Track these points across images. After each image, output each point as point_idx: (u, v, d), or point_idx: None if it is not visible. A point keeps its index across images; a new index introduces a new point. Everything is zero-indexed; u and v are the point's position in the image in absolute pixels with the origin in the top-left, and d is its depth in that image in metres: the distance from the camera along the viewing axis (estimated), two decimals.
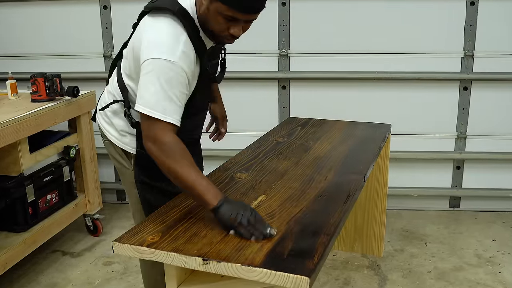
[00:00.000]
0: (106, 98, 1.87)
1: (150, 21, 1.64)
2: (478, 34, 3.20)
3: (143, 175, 1.84)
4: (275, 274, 1.31)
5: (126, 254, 1.47)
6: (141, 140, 1.69)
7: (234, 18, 1.55)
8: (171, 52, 1.54)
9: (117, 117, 1.83)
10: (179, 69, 1.55)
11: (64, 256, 3.00)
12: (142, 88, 1.55)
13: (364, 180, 1.98)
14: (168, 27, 1.58)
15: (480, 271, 2.75)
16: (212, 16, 1.57)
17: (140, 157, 1.81)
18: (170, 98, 1.55)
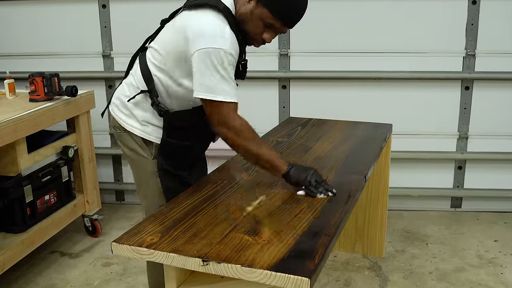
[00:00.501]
0: (126, 91, 1.92)
1: (193, 14, 1.75)
2: (480, 33, 3.20)
3: (166, 164, 1.91)
4: (275, 275, 1.31)
5: (125, 255, 1.47)
6: (168, 128, 1.86)
7: (272, 26, 1.74)
8: (221, 40, 1.67)
9: (139, 108, 1.89)
10: (229, 55, 1.68)
11: (62, 257, 2.99)
12: (199, 76, 1.68)
13: (365, 181, 1.98)
14: (214, 18, 1.71)
15: (481, 272, 2.75)
16: (254, 19, 1.74)
17: (166, 146, 1.89)
18: (227, 80, 1.69)
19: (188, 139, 1.92)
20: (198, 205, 1.71)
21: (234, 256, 1.38)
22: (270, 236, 1.49)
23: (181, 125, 1.89)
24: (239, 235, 1.50)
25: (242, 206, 1.70)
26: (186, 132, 1.90)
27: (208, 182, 1.92)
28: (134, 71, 1.93)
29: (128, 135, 1.93)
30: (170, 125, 1.87)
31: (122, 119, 1.93)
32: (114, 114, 1.96)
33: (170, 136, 1.87)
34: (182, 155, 1.91)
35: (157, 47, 1.84)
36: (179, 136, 1.89)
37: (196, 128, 1.92)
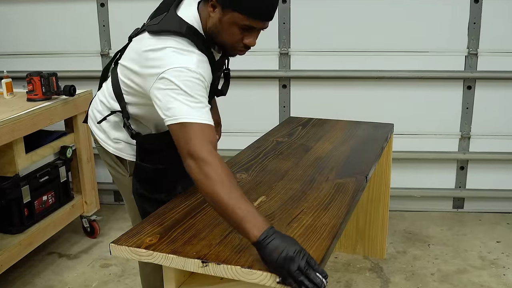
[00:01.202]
0: (99, 106, 1.81)
1: (154, 41, 1.57)
2: (482, 32, 3.20)
3: (141, 188, 1.80)
4: (275, 277, 1.31)
5: (123, 256, 1.47)
6: (141, 151, 1.72)
7: (249, 27, 1.53)
8: (187, 61, 1.50)
9: (110, 126, 1.79)
10: (198, 75, 1.49)
11: (60, 258, 3.00)
12: (166, 102, 1.47)
13: (366, 181, 1.98)
14: (176, 42, 1.54)
15: (484, 274, 2.75)
16: (226, 27, 1.54)
17: (139, 169, 1.78)
18: (196, 99, 1.47)
19: (162, 163, 1.78)
20: (197, 205, 1.71)
21: (233, 257, 1.38)
22: None
23: (154, 148, 1.76)
24: (238, 236, 1.50)
25: None
26: (159, 155, 1.77)
27: None
28: (106, 85, 1.81)
29: (103, 150, 1.85)
30: (142, 147, 1.75)
31: (96, 133, 1.84)
32: (91, 127, 1.88)
33: (143, 160, 1.74)
34: (157, 179, 1.77)
35: (126, 65, 1.68)
36: (153, 159, 1.77)
37: (170, 151, 1.63)
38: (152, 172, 1.78)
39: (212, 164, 1.40)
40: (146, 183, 1.80)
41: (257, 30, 1.57)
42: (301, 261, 1.27)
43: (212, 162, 1.40)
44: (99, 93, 1.86)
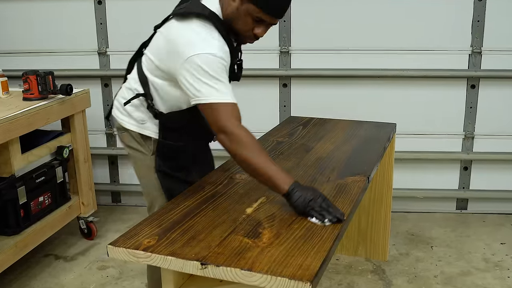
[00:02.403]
0: (125, 94, 2.00)
1: (180, 25, 1.79)
2: (486, 30, 3.20)
3: (164, 166, 1.98)
4: (275, 279, 1.31)
5: (121, 258, 1.47)
6: (163, 130, 1.93)
7: (261, 20, 1.76)
8: (208, 46, 1.71)
9: (136, 110, 1.97)
10: (220, 59, 1.71)
11: (57, 260, 3.00)
12: (194, 84, 1.70)
13: (368, 182, 1.98)
14: (199, 27, 1.76)
15: (488, 276, 2.75)
16: (241, 16, 1.76)
17: (162, 146, 1.96)
18: (221, 82, 1.71)
19: (183, 140, 1.98)
20: (197, 206, 1.71)
21: (233, 259, 1.38)
22: (270, 239, 1.49)
23: (175, 126, 1.95)
24: (238, 237, 1.50)
25: (242, 208, 1.71)
26: (180, 133, 1.97)
27: (207, 183, 1.92)
28: (132, 75, 2.00)
29: (128, 134, 2.02)
30: (164, 126, 1.94)
31: (121, 119, 2.02)
32: (116, 116, 2.06)
33: (166, 138, 1.95)
34: (178, 156, 1.99)
35: (150, 54, 1.90)
36: (174, 137, 1.96)
37: (190, 128, 1.97)
38: (173, 149, 1.97)
39: (241, 135, 1.68)
40: (168, 160, 1.98)
41: (267, 24, 1.79)
42: (321, 201, 1.62)
43: (240, 133, 1.69)
44: (125, 84, 2.05)
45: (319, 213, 1.60)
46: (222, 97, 1.70)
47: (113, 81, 3.55)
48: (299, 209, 1.63)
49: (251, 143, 1.69)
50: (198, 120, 1.86)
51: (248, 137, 1.70)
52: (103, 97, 3.57)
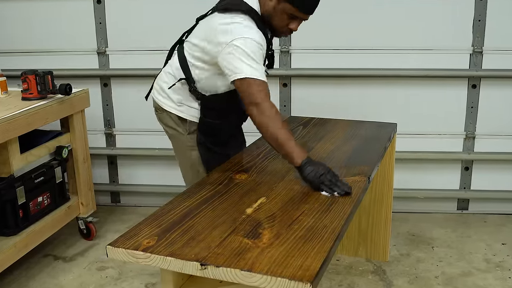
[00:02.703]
0: (164, 78, 2.28)
1: (223, 15, 2.06)
2: (488, 29, 3.20)
3: (205, 141, 2.26)
4: (275, 279, 1.31)
5: (120, 259, 1.48)
6: (204, 109, 2.21)
7: (295, 17, 2.06)
8: (249, 32, 1.99)
9: (175, 93, 2.24)
10: (256, 43, 1.98)
11: (56, 261, 3.00)
12: (233, 62, 1.96)
13: (368, 182, 1.98)
14: (241, 18, 2.02)
15: (489, 276, 2.75)
16: (278, 14, 2.05)
17: (203, 124, 2.24)
18: (255, 62, 1.96)
19: (220, 118, 2.25)
20: (196, 207, 1.72)
21: (233, 260, 1.38)
22: (270, 239, 1.49)
23: (215, 107, 2.23)
24: (238, 238, 1.50)
25: (242, 208, 1.71)
26: (218, 112, 2.24)
27: (206, 183, 1.92)
28: (172, 61, 2.28)
29: (166, 114, 2.29)
30: (205, 106, 2.22)
31: (161, 101, 2.30)
32: (155, 97, 2.34)
33: (206, 116, 2.23)
34: (216, 132, 2.28)
35: (195, 41, 2.16)
36: (213, 115, 2.23)
37: (226, 109, 2.27)
38: (212, 126, 2.25)
39: (268, 109, 1.94)
40: (208, 135, 2.26)
41: (300, 19, 2.09)
42: (330, 175, 1.84)
43: (268, 107, 1.94)
44: (164, 69, 2.33)
45: (329, 187, 1.81)
46: (257, 75, 1.94)
47: (112, 80, 3.55)
48: (310, 182, 1.85)
49: (276, 117, 1.94)
50: (233, 102, 2.23)
51: (274, 112, 1.94)
52: (103, 97, 3.57)
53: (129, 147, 3.65)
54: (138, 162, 3.69)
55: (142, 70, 3.48)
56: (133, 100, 3.55)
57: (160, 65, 3.52)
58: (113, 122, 3.62)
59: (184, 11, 3.35)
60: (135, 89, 3.51)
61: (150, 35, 3.42)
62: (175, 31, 3.37)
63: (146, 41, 3.43)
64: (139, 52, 3.45)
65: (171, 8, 3.36)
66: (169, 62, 2.32)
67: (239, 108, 2.22)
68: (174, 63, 2.25)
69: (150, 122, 3.55)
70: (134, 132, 3.61)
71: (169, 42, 3.50)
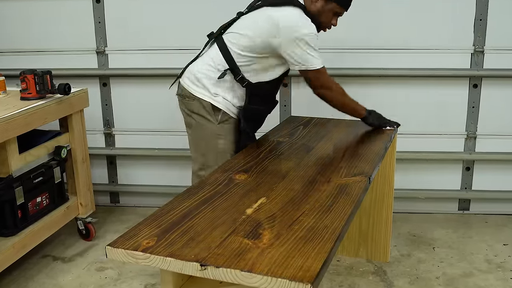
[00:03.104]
0: (202, 68, 2.44)
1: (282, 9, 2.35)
2: (489, 28, 3.20)
3: (248, 127, 2.46)
4: (276, 280, 1.31)
5: (120, 260, 1.47)
6: (250, 96, 2.42)
7: (338, 14, 2.47)
8: (311, 27, 2.34)
9: (212, 84, 2.41)
10: (315, 36, 2.35)
11: (55, 262, 3.00)
12: (303, 55, 2.33)
13: (369, 182, 1.98)
14: (299, 12, 2.35)
15: (490, 277, 2.75)
16: (326, 12, 2.43)
17: (247, 110, 2.45)
18: (318, 52, 2.37)
19: (263, 105, 2.52)
20: (196, 207, 1.71)
21: (233, 261, 1.38)
22: (270, 240, 1.49)
23: (260, 93, 2.46)
24: (238, 238, 1.50)
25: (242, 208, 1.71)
26: (262, 99, 2.49)
27: (206, 183, 1.92)
28: (211, 53, 2.46)
29: (197, 102, 2.43)
30: (252, 93, 2.43)
31: (194, 89, 2.44)
32: (186, 86, 2.47)
33: (251, 103, 2.43)
34: (259, 117, 2.55)
35: (244, 33, 2.38)
36: (258, 102, 2.46)
37: (270, 95, 2.56)
38: (256, 112, 2.49)
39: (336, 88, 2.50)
40: (251, 121, 2.48)
41: (341, 15, 2.49)
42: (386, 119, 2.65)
43: (335, 87, 2.50)
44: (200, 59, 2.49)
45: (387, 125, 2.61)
46: (322, 64, 2.39)
47: (111, 80, 3.55)
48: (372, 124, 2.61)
49: (341, 92, 2.52)
50: (275, 89, 2.55)
51: (339, 89, 2.51)
52: (102, 97, 3.57)
53: (129, 147, 3.65)
54: (138, 162, 3.69)
55: (141, 70, 3.48)
56: (132, 99, 3.55)
57: (160, 64, 3.53)
58: (112, 122, 3.62)
59: (183, 11, 3.36)
60: (135, 88, 3.52)
61: (149, 34, 3.42)
62: (174, 30, 3.39)
63: (145, 41, 3.43)
64: (138, 52, 3.45)
65: (171, 8, 3.36)
66: (207, 53, 2.49)
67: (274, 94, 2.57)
68: (217, 55, 2.42)
69: (149, 122, 3.58)
70: (134, 132, 3.61)
71: (168, 41, 3.50)
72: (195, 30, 3.35)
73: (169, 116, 3.47)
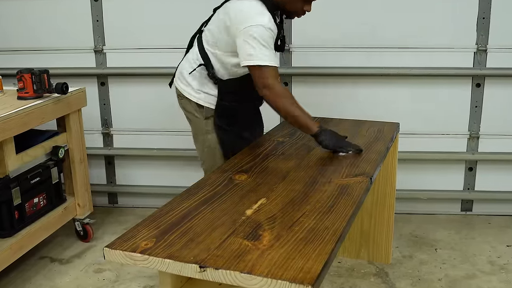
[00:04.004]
0: (186, 65, 2.53)
1: (237, 2, 2.31)
2: (492, 27, 3.20)
3: (220, 122, 2.48)
4: (276, 282, 1.31)
5: (118, 261, 1.47)
6: (221, 93, 2.44)
7: (309, 1, 2.35)
8: (260, 19, 2.23)
9: (195, 80, 2.49)
10: (269, 30, 2.23)
11: (52, 263, 3.00)
12: (247, 49, 2.22)
13: (370, 182, 1.99)
14: (253, 4, 2.27)
15: (493, 279, 2.75)
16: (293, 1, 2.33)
17: (219, 106, 2.47)
18: (268, 49, 2.23)
19: (237, 101, 2.49)
20: (195, 208, 1.72)
21: (232, 262, 1.38)
22: (270, 241, 1.49)
23: (231, 90, 2.46)
24: (238, 240, 1.50)
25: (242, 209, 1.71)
26: (235, 96, 2.47)
27: (206, 184, 1.92)
28: (192, 50, 2.53)
29: (187, 100, 2.53)
30: (223, 90, 2.45)
31: (182, 88, 2.54)
32: (177, 84, 2.58)
33: (223, 99, 2.46)
34: (232, 114, 2.51)
35: (211, 30, 2.42)
36: (230, 98, 2.46)
37: (242, 92, 2.48)
38: (229, 108, 2.48)
39: (280, 91, 2.28)
40: (224, 117, 2.49)
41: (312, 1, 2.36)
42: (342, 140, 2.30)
43: (280, 89, 2.28)
44: (186, 57, 2.57)
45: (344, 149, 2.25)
46: (268, 61, 2.22)
47: (109, 79, 3.55)
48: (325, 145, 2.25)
49: (288, 97, 2.29)
50: (249, 86, 2.37)
51: (286, 93, 2.30)
52: (100, 96, 3.57)
53: (127, 147, 3.65)
54: (136, 163, 3.69)
55: (140, 69, 3.48)
56: (131, 99, 3.55)
57: (158, 63, 3.53)
58: (110, 122, 3.62)
59: (182, 9, 3.36)
60: (133, 88, 3.52)
61: (148, 33, 3.42)
62: (173, 29, 3.39)
63: (143, 39, 3.43)
64: (136, 50, 3.45)
65: (169, 6, 3.36)
66: (190, 50, 2.57)
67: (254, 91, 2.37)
68: (194, 51, 2.50)
69: (148, 121, 3.58)
70: (132, 132, 3.61)
71: (167, 40, 3.50)
72: (194, 29, 3.36)
73: (168, 116, 3.47)
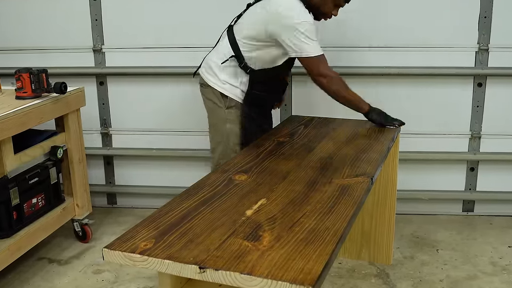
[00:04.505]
0: (214, 57, 2.70)
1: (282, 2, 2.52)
2: (494, 26, 3.20)
3: (249, 110, 2.68)
4: (276, 283, 1.31)
5: (117, 262, 1.47)
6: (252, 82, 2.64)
7: (339, 5, 2.63)
8: (306, 15, 2.51)
9: (222, 72, 2.67)
10: (313, 25, 2.51)
11: (51, 264, 3.00)
12: (298, 44, 2.48)
13: (371, 183, 1.98)
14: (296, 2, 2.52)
15: (495, 280, 2.75)
16: (328, 3, 2.59)
17: (249, 95, 2.66)
18: (315, 41, 2.51)
19: (265, 91, 2.69)
20: (195, 208, 1.71)
21: (232, 263, 1.38)
22: (270, 242, 1.49)
23: (261, 80, 2.65)
24: (238, 240, 1.50)
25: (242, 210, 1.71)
26: (264, 86, 2.67)
27: (205, 184, 1.92)
28: (222, 42, 2.70)
29: (210, 89, 2.71)
30: (254, 80, 2.64)
31: (208, 78, 2.72)
32: (202, 74, 2.76)
33: (253, 88, 2.65)
34: (262, 103, 2.73)
35: (248, 23, 2.61)
36: (260, 88, 2.66)
37: (272, 83, 2.73)
38: (258, 97, 2.68)
39: (334, 77, 2.58)
40: (253, 106, 2.69)
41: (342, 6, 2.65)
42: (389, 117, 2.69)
43: (334, 75, 2.58)
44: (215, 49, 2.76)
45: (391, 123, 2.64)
46: (319, 52, 2.52)
47: (108, 79, 3.55)
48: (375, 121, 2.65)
49: (341, 83, 2.58)
50: (277, 76, 2.73)
51: (339, 79, 2.58)
52: (98, 96, 3.57)
53: (126, 147, 3.65)
54: (135, 163, 3.69)
55: (139, 68, 3.48)
56: (130, 99, 3.55)
57: (158, 62, 3.53)
58: (109, 122, 3.62)
59: (181, 9, 3.36)
60: (132, 87, 3.52)
61: (147, 32, 3.42)
62: (172, 29, 3.39)
63: (143, 39, 3.43)
64: (136, 50, 3.45)
65: (169, 5, 3.36)
66: (219, 43, 2.73)
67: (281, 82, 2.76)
68: (226, 44, 2.65)
69: (147, 121, 3.58)
70: (131, 131, 3.61)
71: (166, 39, 3.50)
72: (193, 29, 3.36)
73: (168, 116, 3.47)
